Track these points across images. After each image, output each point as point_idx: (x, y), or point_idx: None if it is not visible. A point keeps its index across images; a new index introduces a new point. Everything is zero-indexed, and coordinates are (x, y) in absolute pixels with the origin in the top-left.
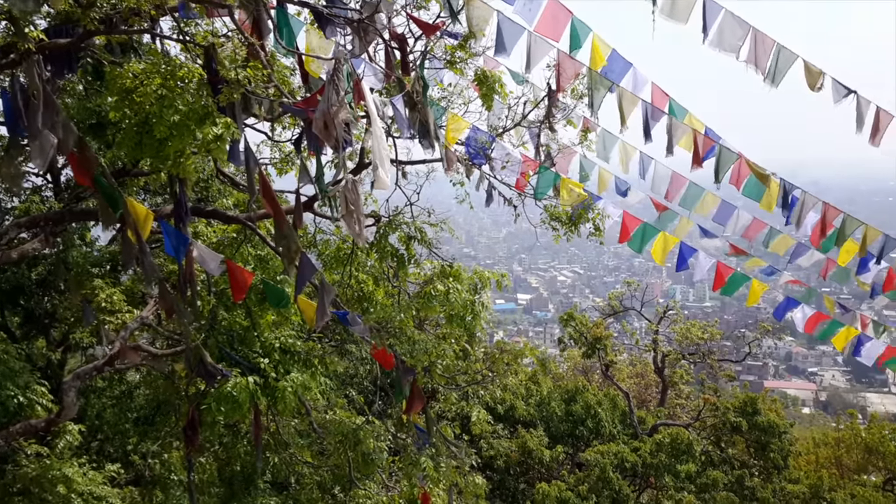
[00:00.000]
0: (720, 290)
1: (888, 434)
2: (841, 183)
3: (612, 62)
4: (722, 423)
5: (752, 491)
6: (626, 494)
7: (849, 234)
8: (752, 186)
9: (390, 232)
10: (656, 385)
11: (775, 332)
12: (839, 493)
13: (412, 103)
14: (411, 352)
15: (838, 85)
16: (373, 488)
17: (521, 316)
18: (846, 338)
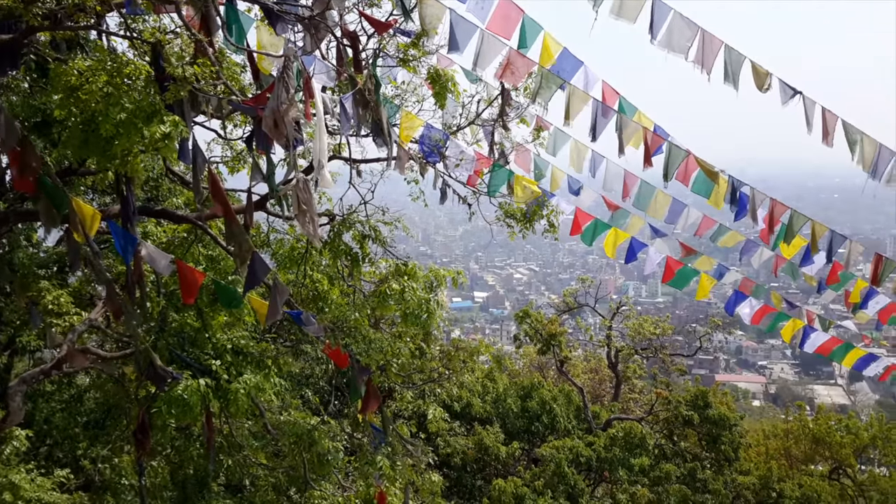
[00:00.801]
0: (670, 282)
1: (834, 425)
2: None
3: (563, 60)
4: (674, 416)
5: (703, 483)
6: (581, 489)
7: (797, 229)
8: (700, 183)
9: (344, 231)
10: (610, 380)
11: (725, 327)
12: (788, 484)
13: (364, 101)
14: (367, 351)
15: (785, 86)
16: (329, 489)
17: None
18: (792, 329)
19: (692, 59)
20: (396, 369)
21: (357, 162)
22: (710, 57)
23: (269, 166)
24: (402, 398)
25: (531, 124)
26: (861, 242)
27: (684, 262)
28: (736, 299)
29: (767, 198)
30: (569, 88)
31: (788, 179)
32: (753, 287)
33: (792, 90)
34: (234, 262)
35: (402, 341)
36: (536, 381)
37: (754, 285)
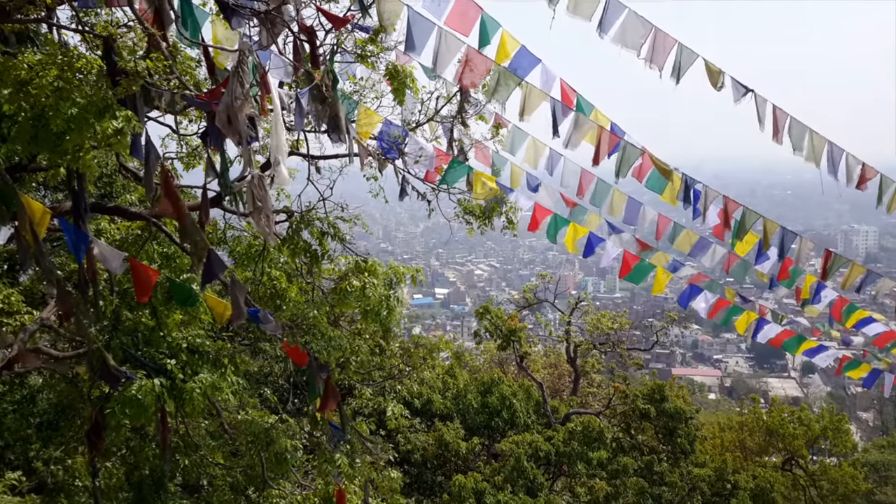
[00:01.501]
0: (627, 277)
1: (787, 417)
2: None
3: (521, 58)
4: (631, 410)
5: (660, 476)
6: (540, 483)
7: (749, 226)
8: (654, 180)
9: (303, 227)
10: (569, 375)
11: (681, 321)
12: (742, 475)
13: (322, 97)
14: (326, 349)
15: (738, 84)
16: (287, 487)
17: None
18: (746, 322)
19: (644, 56)
20: (356, 367)
21: (315, 158)
22: (661, 55)
23: (223, 162)
24: (361, 395)
25: (490, 121)
26: (812, 238)
27: (641, 256)
28: (691, 293)
29: (720, 195)
30: (525, 86)
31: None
32: (708, 282)
33: (744, 88)
34: (189, 260)
35: (362, 339)
36: (497, 376)
37: (709, 280)
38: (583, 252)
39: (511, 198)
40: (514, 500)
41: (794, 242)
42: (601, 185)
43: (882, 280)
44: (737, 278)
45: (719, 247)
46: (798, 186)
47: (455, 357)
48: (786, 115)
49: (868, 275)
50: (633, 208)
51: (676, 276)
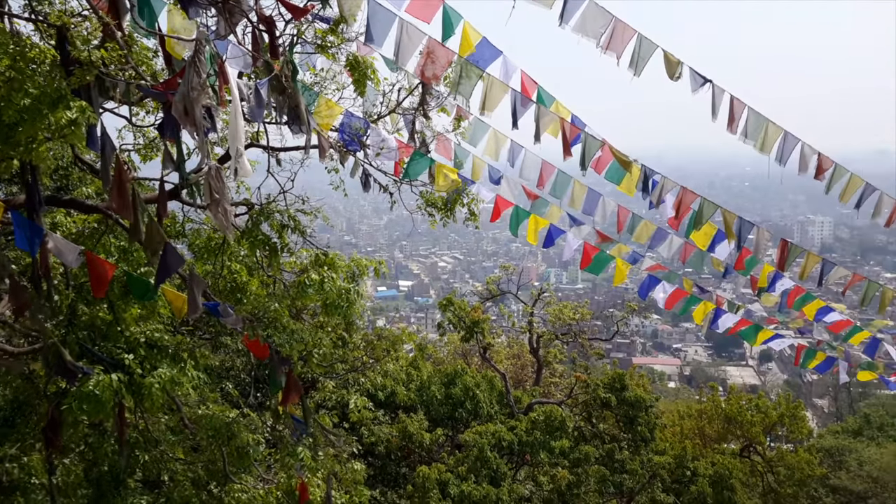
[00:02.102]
0: (587, 268)
1: (745, 404)
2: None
3: (482, 50)
4: (593, 399)
5: (621, 463)
6: (503, 472)
7: (706, 217)
8: (613, 171)
9: (263, 220)
10: (532, 365)
11: (641, 311)
12: (701, 462)
13: (281, 88)
14: (288, 342)
15: (696, 74)
16: (250, 482)
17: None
18: (704, 312)
19: (603, 45)
20: (318, 360)
21: (276, 150)
22: (620, 44)
23: (179, 154)
24: (324, 388)
25: (451, 113)
26: (769, 229)
27: (601, 247)
28: (650, 284)
29: (678, 186)
30: (487, 78)
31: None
32: (666, 272)
33: (702, 78)
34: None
35: (324, 332)
36: (460, 368)
37: (667, 271)
38: (543, 243)
39: (473, 190)
40: (478, 489)
41: (751, 233)
42: (562, 176)
43: (836, 269)
44: (694, 268)
45: (676, 237)
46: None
47: (418, 349)
48: (743, 105)
49: (825, 265)
50: (593, 199)
51: (636, 266)
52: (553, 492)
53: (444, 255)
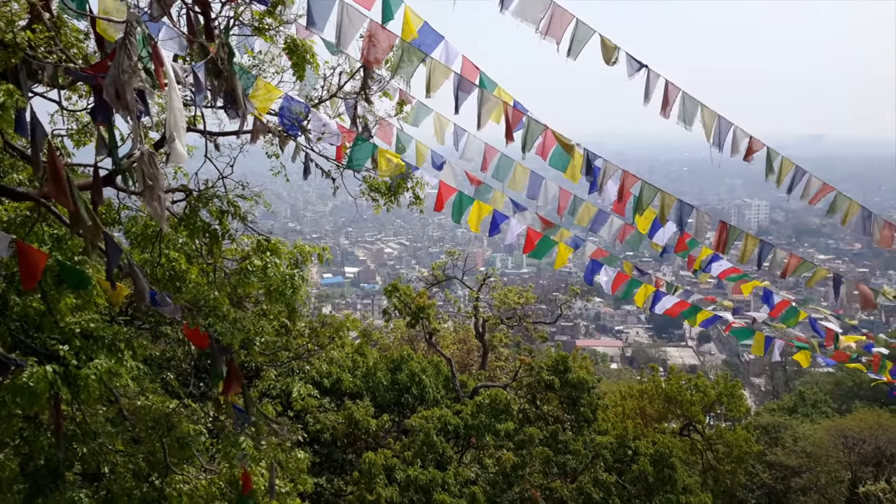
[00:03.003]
0: (530, 253)
1: (685, 384)
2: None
3: (424, 35)
4: (537, 381)
5: (565, 444)
6: (449, 456)
7: (646, 200)
8: (557, 157)
9: (201, 207)
10: (478, 349)
11: (584, 294)
12: (642, 441)
13: (217, 71)
14: (231, 330)
15: (631, 59)
16: (192, 472)
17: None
18: (644, 295)
19: (542, 30)
20: (260, 348)
21: (214, 135)
22: (559, 29)
23: (111, 139)
24: (265, 377)
25: (394, 98)
26: (707, 212)
27: (544, 233)
28: (593, 268)
29: (619, 170)
30: (430, 62)
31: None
32: (608, 257)
33: (638, 63)
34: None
35: (267, 319)
36: (406, 353)
37: (609, 255)
38: (488, 231)
39: (417, 174)
40: (424, 474)
41: (690, 216)
42: (504, 160)
43: (774, 250)
44: (632, 247)
45: (616, 219)
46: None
47: (362, 335)
48: (677, 89)
49: (763, 247)
50: (535, 183)
51: (578, 251)
52: (498, 474)
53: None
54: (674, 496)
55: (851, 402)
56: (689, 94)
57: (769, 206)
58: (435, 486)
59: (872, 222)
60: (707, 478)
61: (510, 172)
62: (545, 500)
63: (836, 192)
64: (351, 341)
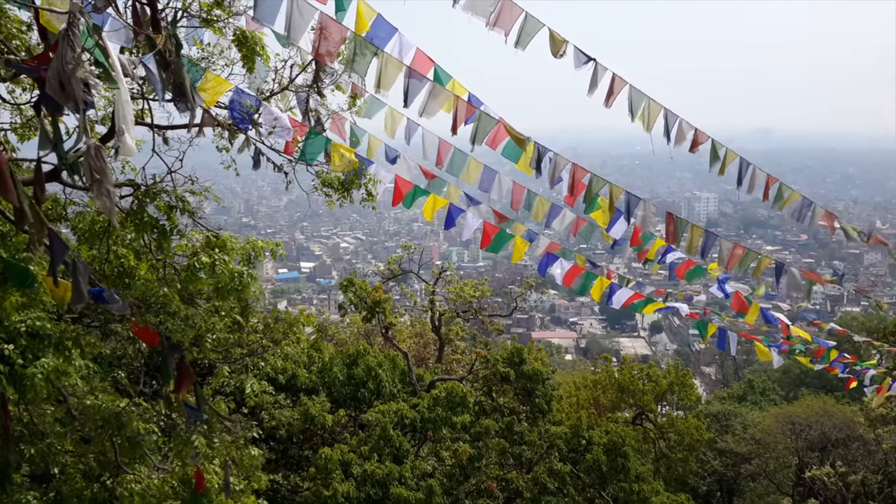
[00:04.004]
0: (487, 247)
1: (637, 374)
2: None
3: (377, 27)
4: (492, 374)
5: (520, 435)
6: (406, 450)
7: (595, 192)
8: (510, 149)
9: (149, 202)
10: (434, 343)
11: (539, 287)
12: (596, 431)
13: (165, 63)
14: (182, 328)
15: (579, 52)
16: (144, 472)
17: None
18: (600, 288)
19: (492, 23)
20: (212, 345)
21: (162, 128)
22: (508, 22)
23: (56, 132)
24: (220, 374)
25: (347, 91)
26: (658, 205)
27: (500, 227)
28: (547, 261)
29: (570, 163)
30: (382, 56)
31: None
32: (561, 250)
33: (585, 56)
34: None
35: (218, 316)
36: (362, 348)
37: (562, 248)
38: (444, 224)
39: (371, 170)
40: (381, 468)
41: (638, 208)
42: (458, 154)
43: (720, 241)
44: (584, 239)
45: (569, 212)
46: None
47: (317, 331)
48: (624, 82)
49: (708, 237)
50: (489, 177)
51: (534, 245)
52: (455, 466)
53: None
54: (627, 484)
55: (798, 389)
56: (635, 87)
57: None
58: (392, 480)
59: (813, 212)
60: (659, 466)
61: (464, 167)
62: (501, 491)
63: (779, 183)
64: (306, 337)
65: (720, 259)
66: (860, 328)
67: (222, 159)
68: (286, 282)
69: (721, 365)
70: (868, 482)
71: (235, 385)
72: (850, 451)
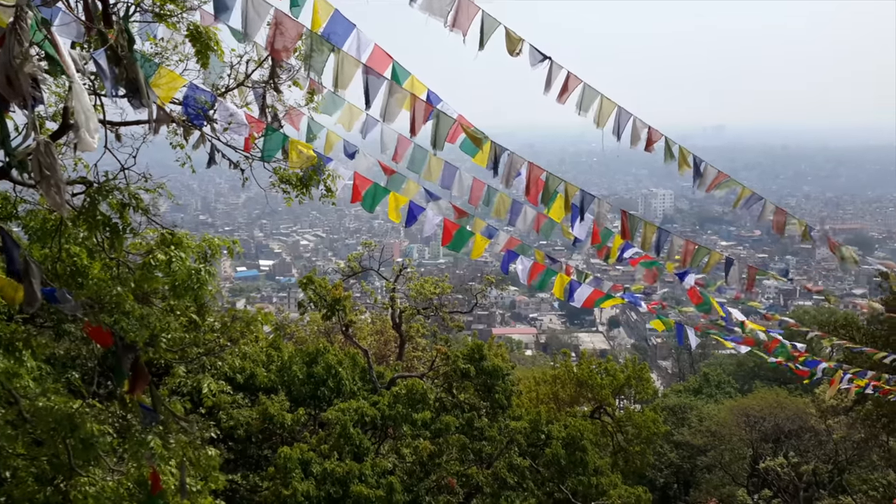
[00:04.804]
0: (448, 245)
1: (595, 368)
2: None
3: (335, 23)
4: (453, 370)
5: (480, 431)
6: (366, 447)
7: (552, 189)
8: (468, 145)
9: (101, 199)
10: (395, 340)
11: (499, 283)
12: (555, 426)
13: (117, 59)
14: (137, 328)
15: (535, 51)
16: (98, 474)
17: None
18: (561, 285)
19: (450, 23)
20: (167, 344)
21: (115, 125)
22: (465, 21)
23: (2, 129)
24: (176, 374)
25: (304, 87)
26: (615, 202)
27: (460, 223)
28: (509, 258)
29: (525, 161)
30: (339, 53)
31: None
32: (520, 245)
33: (541, 55)
34: None
35: (174, 315)
36: (322, 346)
37: (521, 244)
38: (405, 222)
39: (330, 166)
40: (341, 466)
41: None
42: (419, 151)
43: (672, 237)
44: (545, 236)
45: (530, 209)
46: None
47: (275, 329)
48: (578, 80)
49: (661, 234)
50: (449, 174)
51: (494, 241)
52: (416, 463)
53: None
54: (585, 478)
55: (752, 381)
56: (589, 85)
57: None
58: (352, 478)
59: (764, 208)
60: (617, 459)
61: (424, 163)
62: (461, 486)
63: (728, 179)
64: (265, 335)
65: (670, 253)
66: (812, 322)
67: (177, 156)
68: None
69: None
70: (819, 472)
71: (192, 385)
72: (802, 441)
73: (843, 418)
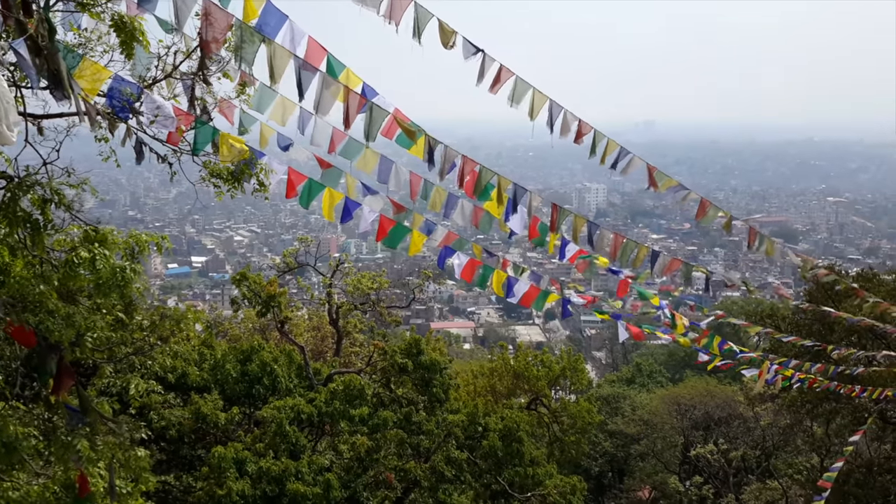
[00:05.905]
0: (384, 241)
1: (532, 360)
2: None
3: (267, 15)
4: (391, 365)
5: (418, 425)
6: (303, 445)
7: (484, 182)
8: (404, 138)
9: (22, 195)
10: (332, 336)
11: (437, 278)
12: (492, 418)
13: (37, 49)
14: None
15: (468, 44)
16: (23, 478)
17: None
18: (499, 282)
19: (383, 13)
20: (93, 344)
21: (37, 118)
22: (399, 12)
23: None
24: (103, 373)
25: (235, 79)
26: (550, 196)
27: (397, 219)
28: (446, 254)
29: (459, 154)
30: (271, 45)
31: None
32: (457, 240)
33: (474, 48)
34: None
35: (100, 314)
36: (257, 344)
37: (458, 238)
38: (341, 219)
39: (263, 161)
40: (277, 464)
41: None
42: (354, 144)
43: (601, 231)
44: (483, 230)
45: (467, 202)
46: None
47: (206, 328)
48: (511, 73)
49: (591, 227)
50: (385, 168)
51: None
52: (353, 459)
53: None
54: (521, 469)
55: (683, 371)
56: (521, 78)
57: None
58: (288, 476)
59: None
60: (553, 449)
61: (358, 155)
62: (399, 481)
63: (656, 172)
64: (197, 334)
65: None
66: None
67: (101, 150)
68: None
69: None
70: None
71: (121, 385)
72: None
73: (770, 405)
